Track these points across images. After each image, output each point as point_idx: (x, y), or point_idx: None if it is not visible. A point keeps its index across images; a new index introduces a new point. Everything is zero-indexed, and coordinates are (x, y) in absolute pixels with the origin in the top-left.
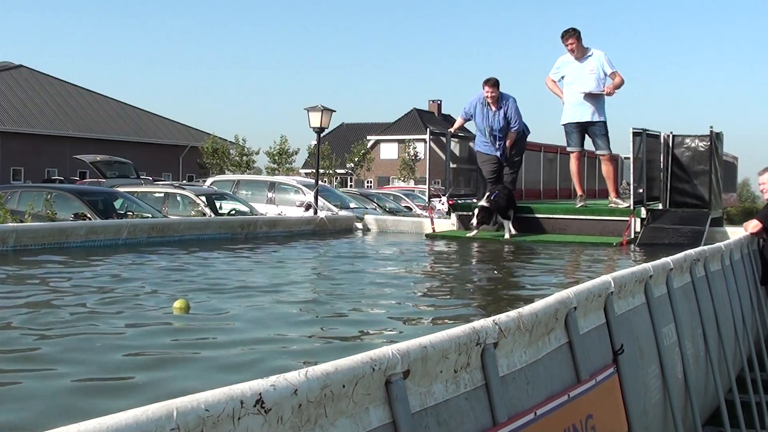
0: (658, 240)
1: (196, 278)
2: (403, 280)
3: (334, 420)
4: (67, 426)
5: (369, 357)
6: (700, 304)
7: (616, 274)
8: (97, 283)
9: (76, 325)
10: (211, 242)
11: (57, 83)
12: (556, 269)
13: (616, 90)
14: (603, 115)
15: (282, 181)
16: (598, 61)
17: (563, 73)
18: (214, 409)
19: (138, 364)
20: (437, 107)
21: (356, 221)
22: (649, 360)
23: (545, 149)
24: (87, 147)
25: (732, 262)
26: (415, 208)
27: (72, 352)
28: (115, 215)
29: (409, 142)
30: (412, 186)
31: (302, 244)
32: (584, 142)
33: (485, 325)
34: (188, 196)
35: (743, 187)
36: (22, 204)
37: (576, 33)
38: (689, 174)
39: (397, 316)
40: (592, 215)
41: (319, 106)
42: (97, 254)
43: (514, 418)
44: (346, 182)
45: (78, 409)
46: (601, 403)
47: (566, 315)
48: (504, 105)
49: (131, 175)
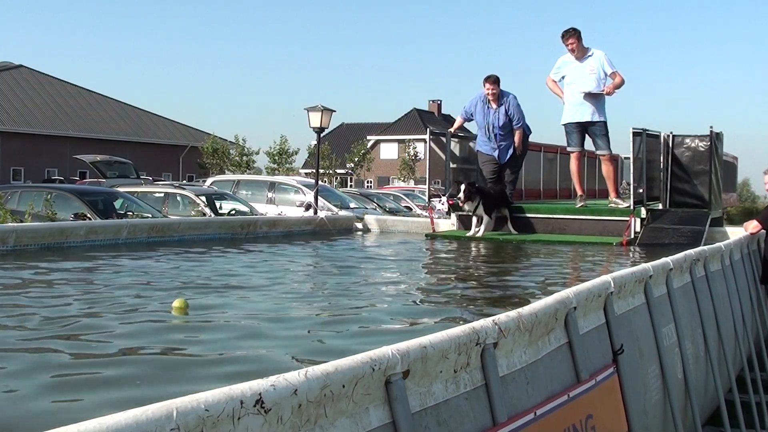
0: (658, 240)
1: (195, 278)
2: (403, 280)
3: (334, 420)
4: (67, 426)
5: (369, 357)
6: (700, 304)
7: (616, 274)
8: (97, 283)
9: (75, 324)
10: (211, 242)
11: (57, 83)
12: (556, 269)
13: (616, 90)
14: (603, 115)
15: (282, 181)
16: (599, 61)
17: (564, 73)
18: (214, 409)
19: (137, 364)
20: (437, 107)
21: (356, 221)
22: (649, 360)
23: (545, 149)
24: (87, 147)
25: (732, 262)
26: (415, 208)
27: (70, 351)
28: (115, 215)
29: (409, 142)
30: (412, 186)
31: (302, 244)
32: (584, 142)
33: (485, 325)
34: (188, 196)
35: (743, 187)
36: (22, 204)
37: (576, 33)
38: (689, 174)
39: (397, 316)
40: (592, 215)
41: (319, 106)
42: (96, 254)
43: (514, 418)
44: (346, 182)
45: (77, 409)
46: (601, 403)
47: (566, 315)
48: (504, 102)
49: (131, 175)
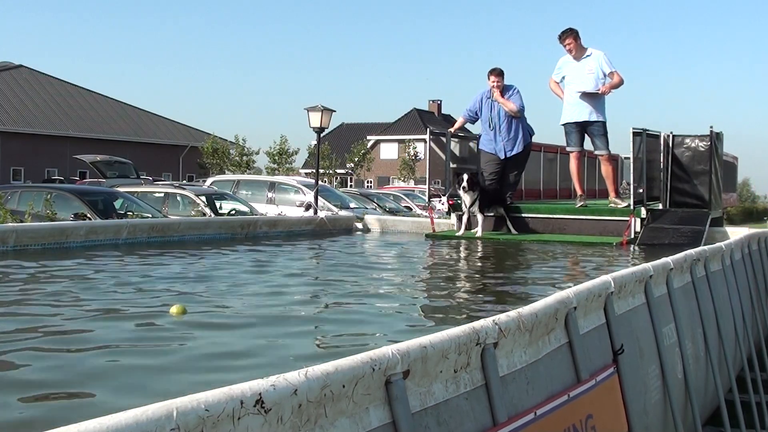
0: (658, 240)
1: (195, 278)
2: (403, 280)
3: (334, 420)
4: (67, 426)
5: (369, 357)
6: (700, 304)
7: (616, 274)
8: (96, 283)
9: (74, 324)
10: (211, 242)
11: (57, 83)
12: (556, 269)
13: (613, 89)
14: (602, 115)
15: (282, 181)
16: (597, 61)
17: (564, 74)
18: (214, 409)
19: (136, 363)
20: (437, 107)
21: (356, 221)
22: (649, 360)
23: (545, 149)
24: (87, 147)
25: (732, 262)
26: (415, 208)
27: (69, 349)
28: (115, 215)
29: (409, 142)
30: (412, 186)
31: (302, 244)
32: (584, 142)
33: (485, 325)
34: (188, 196)
35: (743, 187)
36: (22, 204)
37: (573, 33)
38: (689, 174)
39: (397, 316)
40: (592, 215)
41: (319, 106)
42: (96, 254)
43: (514, 418)
44: (346, 182)
45: (74, 408)
46: (601, 403)
47: (566, 315)
48: (508, 94)
49: (131, 175)
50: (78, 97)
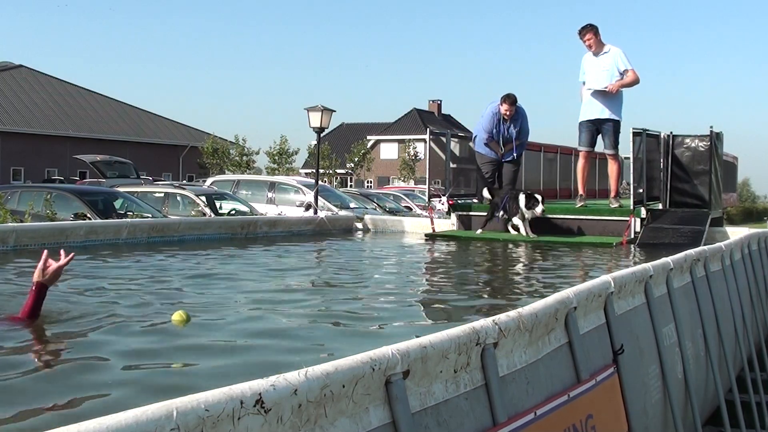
0: (658, 240)
1: (194, 278)
2: (403, 280)
3: (334, 420)
4: (67, 426)
5: (369, 357)
6: (700, 304)
7: (616, 274)
8: (95, 283)
9: (73, 323)
10: (211, 242)
11: (57, 83)
12: (555, 269)
13: (624, 88)
14: (616, 114)
15: (282, 181)
16: (613, 58)
17: (585, 71)
18: (214, 409)
19: (135, 363)
20: (437, 107)
21: (356, 221)
22: (649, 360)
23: (545, 149)
24: (87, 147)
25: (732, 262)
26: (415, 208)
27: (67, 350)
28: (115, 215)
29: (409, 142)
30: (412, 186)
31: (302, 244)
32: (595, 142)
33: (485, 325)
34: (188, 196)
35: (743, 187)
36: (22, 204)
37: (593, 28)
38: (689, 174)
39: (397, 316)
40: (592, 215)
41: (319, 106)
42: (95, 254)
43: (514, 418)
44: (346, 182)
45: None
46: (601, 403)
47: (566, 315)
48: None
49: (131, 175)
50: (78, 97)
